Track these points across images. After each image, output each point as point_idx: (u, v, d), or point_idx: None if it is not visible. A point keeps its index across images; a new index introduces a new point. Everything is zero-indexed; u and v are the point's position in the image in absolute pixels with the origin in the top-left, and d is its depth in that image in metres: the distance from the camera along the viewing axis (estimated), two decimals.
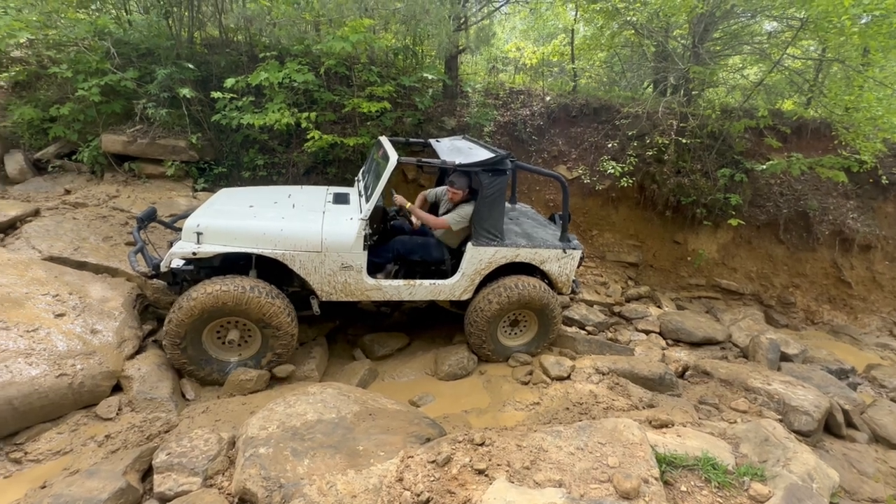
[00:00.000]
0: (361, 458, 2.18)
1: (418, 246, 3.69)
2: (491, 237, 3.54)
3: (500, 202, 3.50)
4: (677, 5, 5.15)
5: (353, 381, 3.49)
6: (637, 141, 6.30)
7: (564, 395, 3.31)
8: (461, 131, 6.14)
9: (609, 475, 1.98)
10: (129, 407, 2.83)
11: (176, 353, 3.09)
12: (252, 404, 2.94)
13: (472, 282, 3.62)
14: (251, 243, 3.15)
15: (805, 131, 6.71)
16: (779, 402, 3.44)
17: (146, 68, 5.28)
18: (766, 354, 4.42)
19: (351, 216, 3.36)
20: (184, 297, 3.01)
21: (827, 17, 4.71)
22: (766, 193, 6.47)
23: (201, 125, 5.40)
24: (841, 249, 6.46)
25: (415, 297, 3.57)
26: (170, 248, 3.23)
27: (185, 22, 5.83)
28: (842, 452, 3.28)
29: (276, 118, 4.80)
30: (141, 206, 4.67)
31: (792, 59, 6.56)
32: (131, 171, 5.23)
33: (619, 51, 7.79)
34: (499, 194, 3.44)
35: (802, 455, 2.34)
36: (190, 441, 2.29)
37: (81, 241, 3.85)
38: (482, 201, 3.44)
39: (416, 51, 6.67)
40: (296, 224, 3.24)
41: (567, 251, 3.77)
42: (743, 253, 6.54)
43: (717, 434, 2.59)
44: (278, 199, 3.68)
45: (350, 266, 3.31)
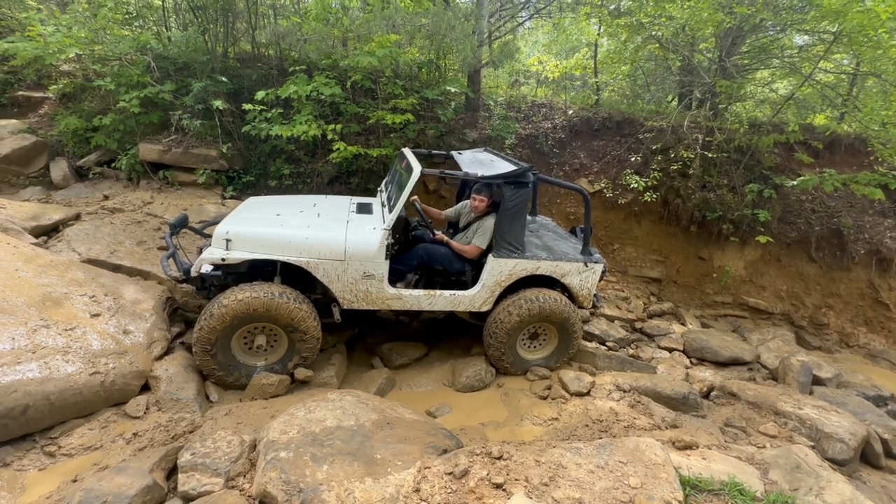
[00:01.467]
0: (379, 466, 2.18)
1: (441, 255, 3.71)
2: (512, 249, 3.55)
3: (521, 215, 3.52)
4: (704, 20, 5.11)
5: (371, 389, 3.51)
6: (661, 155, 6.22)
7: (584, 411, 3.25)
8: (483, 143, 6.19)
9: (631, 496, 1.93)
10: (156, 406, 2.91)
11: (206, 359, 3.17)
12: (273, 408, 2.99)
13: (493, 293, 3.63)
14: (277, 250, 3.22)
15: (838, 147, 6.50)
16: (811, 427, 3.28)
17: (183, 81, 5.54)
18: (798, 377, 4.24)
19: (374, 226, 3.43)
20: (214, 304, 3.10)
21: (862, 31, 4.59)
22: (797, 210, 6.26)
23: (232, 136, 5.62)
24: (878, 270, 6.18)
25: (434, 308, 3.59)
26: (199, 254, 3.35)
27: (220, 38, 6.11)
28: (880, 484, 3.10)
29: (303, 130, 4.96)
30: (173, 213, 4.86)
31: (824, 73, 6.39)
32: (165, 178, 5.46)
33: (643, 64, 7.74)
34: (520, 207, 3.47)
35: (837, 485, 2.23)
36: (213, 442, 2.34)
37: (117, 244, 4.02)
38: (504, 213, 3.46)
39: (440, 65, 6.80)
40: (320, 233, 3.31)
41: (588, 265, 3.75)
42: (772, 271, 6.33)
43: (744, 458, 2.50)
44: (303, 208, 3.78)
45: (372, 275, 3.36)
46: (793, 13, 5.69)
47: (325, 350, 3.88)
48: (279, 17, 6.74)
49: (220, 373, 3.22)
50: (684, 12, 5.02)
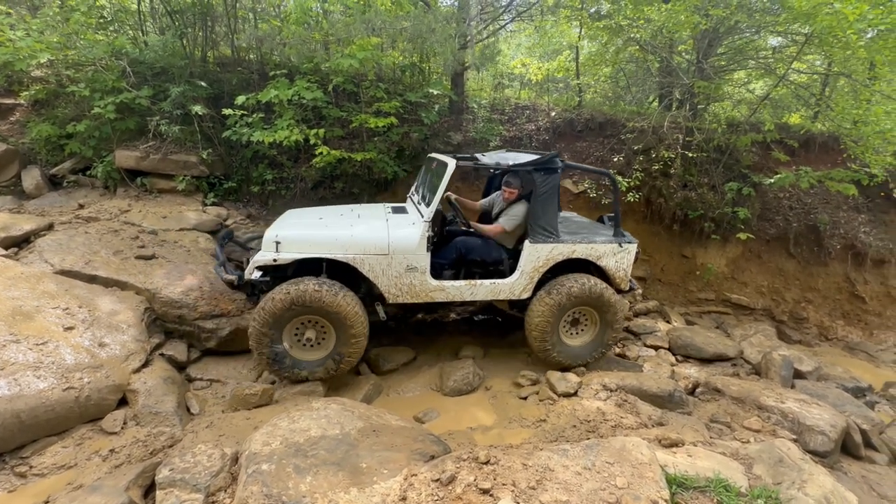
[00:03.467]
0: (365, 475, 2.15)
1: (479, 246, 3.81)
2: (547, 234, 3.67)
3: (553, 199, 3.68)
4: (681, 22, 5.20)
5: (357, 395, 3.47)
6: (643, 155, 6.30)
7: (571, 412, 3.25)
8: (467, 146, 6.20)
9: (617, 497, 1.93)
10: (134, 421, 2.83)
11: (261, 352, 3.28)
12: (256, 419, 2.93)
13: (532, 279, 3.73)
14: (324, 249, 3.37)
15: (813, 145, 6.67)
16: (793, 421, 3.34)
17: (160, 86, 5.42)
18: (779, 371, 4.31)
19: (413, 220, 3.59)
20: (266, 299, 3.22)
21: (832, 32, 4.72)
22: (775, 207, 6.41)
23: (212, 141, 5.52)
24: (854, 264, 6.35)
25: (476, 297, 3.70)
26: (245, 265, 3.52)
27: (199, 42, 6.01)
28: (860, 474, 3.17)
29: (285, 135, 4.89)
30: (152, 221, 4.75)
31: (797, 74, 6.56)
32: (143, 186, 5.33)
33: (624, 66, 7.85)
34: (552, 192, 3.63)
35: (819, 477, 2.26)
36: (193, 456, 2.28)
37: (93, 254, 3.91)
38: (536, 199, 3.61)
39: (423, 68, 6.79)
40: (363, 230, 3.45)
41: (623, 245, 3.86)
42: (753, 267, 6.45)
43: (729, 454, 2.52)
44: (343, 212, 3.95)
45: (415, 267, 3.47)
46: (766, 15, 5.83)
47: None
48: (259, 21, 6.66)
49: (275, 367, 3.32)
50: (662, 15, 5.10)
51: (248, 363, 3.82)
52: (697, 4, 5.21)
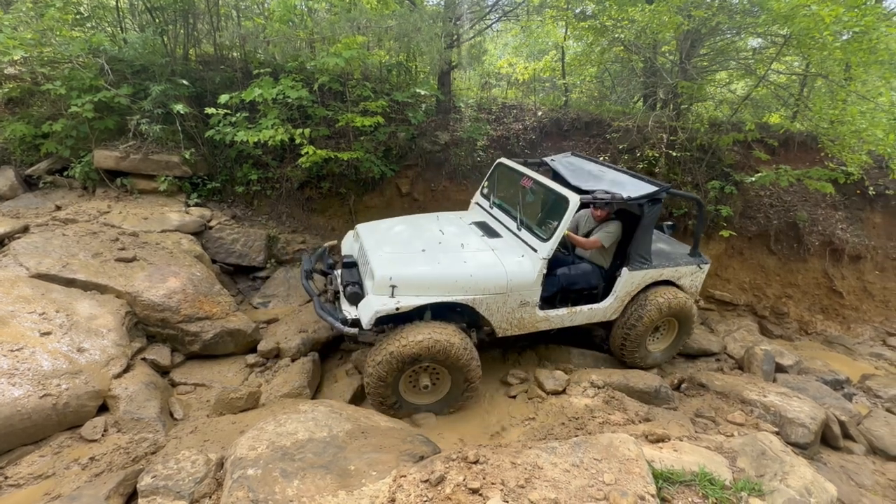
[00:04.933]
0: (353, 478, 2.13)
1: (578, 276, 3.88)
2: (643, 261, 3.84)
3: (652, 229, 3.84)
4: (665, 23, 5.27)
5: (346, 397, 3.45)
6: (628, 154, 6.37)
7: (560, 409, 3.28)
8: (454, 145, 6.20)
9: (605, 493, 1.94)
10: (115, 427, 2.76)
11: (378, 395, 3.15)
12: (242, 423, 2.88)
13: (623, 302, 3.91)
14: (445, 292, 3.21)
15: (792, 144, 6.83)
16: (775, 414, 3.42)
17: (140, 85, 5.30)
18: (762, 366, 4.41)
19: (522, 254, 3.51)
20: (389, 343, 3.05)
21: (809, 34, 4.83)
22: (757, 205, 6.54)
23: (195, 141, 5.41)
24: (832, 260, 6.52)
25: (574, 323, 3.81)
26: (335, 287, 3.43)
27: (181, 39, 5.89)
28: (839, 465, 3.26)
29: (269, 134, 4.83)
30: (133, 222, 4.65)
31: (777, 74, 6.71)
32: (123, 186, 5.20)
33: (609, 66, 7.92)
34: (654, 221, 3.77)
35: (800, 469, 2.32)
36: (176, 463, 2.23)
37: (70, 257, 3.80)
38: (641, 229, 3.73)
39: (410, 67, 6.76)
40: (480, 267, 3.34)
41: (701, 266, 4.18)
42: (735, 264, 6.58)
43: (713, 448, 2.56)
44: (433, 234, 3.74)
45: (528, 302, 3.47)
46: (746, 17, 5.94)
47: (297, 359, 3.78)
48: (243, 19, 6.55)
49: (393, 411, 3.20)
50: (645, 15, 5.16)
51: (233, 366, 3.76)
52: (680, 5, 5.28)
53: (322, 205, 5.98)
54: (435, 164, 6.23)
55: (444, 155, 6.19)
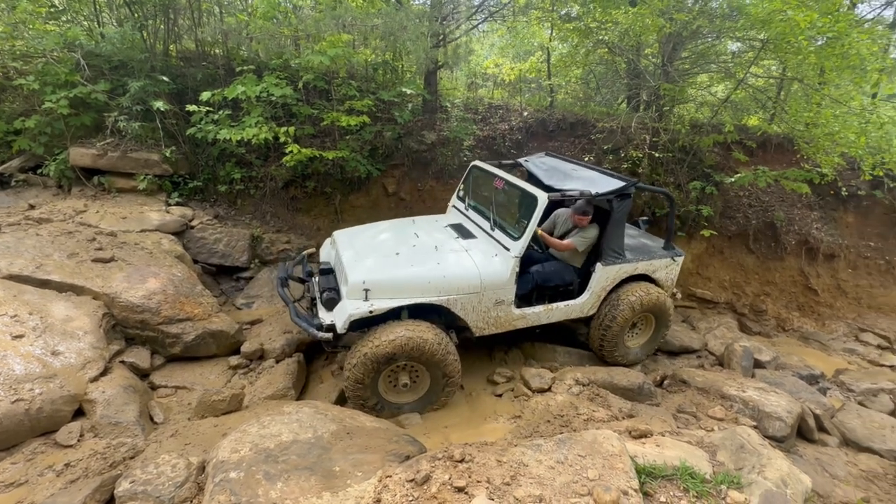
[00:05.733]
0: (338, 479, 2.11)
1: (552, 273, 3.89)
2: (616, 256, 3.87)
3: (624, 222, 3.87)
4: (647, 26, 5.36)
5: (331, 398, 3.42)
6: (612, 155, 6.46)
7: (545, 407, 3.30)
8: (441, 145, 6.19)
9: (589, 488, 1.96)
10: (91, 432, 2.69)
11: (357, 396, 3.14)
12: (225, 426, 2.84)
13: (599, 298, 3.95)
14: (419, 293, 3.22)
15: (770, 146, 7.01)
16: (753, 408, 3.50)
17: (118, 81, 5.17)
18: (741, 362, 4.52)
19: (495, 253, 3.53)
20: (366, 343, 3.05)
21: (785, 39, 4.96)
22: (736, 205, 6.70)
23: (176, 139, 5.30)
24: (807, 258, 6.72)
25: (551, 320, 3.83)
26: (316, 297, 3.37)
27: (161, 35, 5.75)
28: (814, 457, 3.36)
29: (253, 132, 4.76)
30: (110, 222, 4.53)
31: (755, 78, 6.88)
32: (101, 185, 5.07)
33: (594, 68, 8.03)
34: (624, 216, 3.81)
35: (776, 461, 2.38)
36: (156, 467, 2.18)
37: (45, 257, 3.69)
38: (611, 224, 3.75)
39: (396, 66, 6.74)
40: (453, 267, 3.36)
41: (675, 259, 4.23)
42: (716, 263, 6.73)
43: (694, 443, 2.62)
44: (407, 238, 3.77)
45: (503, 301, 3.48)
46: (726, 21, 6.08)
47: (281, 361, 3.73)
48: (225, 15, 6.44)
49: (374, 412, 3.17)
50: (628, 18, 5.25)
51: (216, 368, 3.70)
52: (662, 8, 5.38)
53: (307, 204, 5.91)
54: (421, 163, 6.22)
55: (430, 154, 6.18)
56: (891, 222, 6.97)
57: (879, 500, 2.92)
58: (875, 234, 6.99)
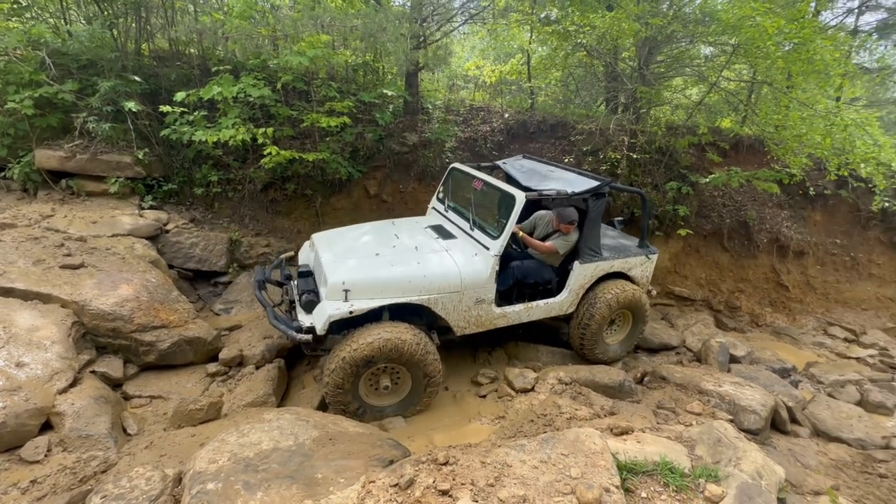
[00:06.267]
0: (320, 486, 2.07)
1: (532, 270, 3.91)
2: (593, 254, 3.94)
3: (599, 221, 3.95)
4: (624, 30, 5.47)
5: (314, 403, 3.36)
6: (591, 156, 6.57)
7: (529, 407, 3.32)
8: (423, 147, 6.19)
9: (572, 487, 1.98)
10: (60, 447, 2.58)
11: (338, 400, 3.10)
12: (203, 435, 2.76)
13: (577, 295, 4.02)
14: (399, 293, 3.20)
15: (742, 147, 7.24)
16: (730, 402, 3.60)
17: (87, 80, 4.98)
18: (717, 357, 4.64)
19: (475, 252, 3.54)
20: (345, 346, 3.01)
21: (754, 44, 5.14)
22: (711, 205, 6.89)
23: (149, 140, 5.14)
24: (778, 256, 6.96)
25: (532, 318, 3.86)
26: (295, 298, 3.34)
27: (132, 33, 5.58)
28: (787, 448, 3.47)
29: (230, 134, 4.65)
30: (79, 227, 4.36)
31: (727, 81, 7.10)
32: (69, 188, 4.88)
33: (573, 70, 8.15)
34: (600, 215, 3.89)
35: (751, 454, 2.45)
36: (129, 481, 2.10)
37: (8, 265, 3.52)
38: (588, 223, 3.82)
39: (377, 67, 6.70)
40: (434, 267, 3.35)
41: (649, 256, 4.34)
42: (693, 261, 6.90)
43: (673, 438, 2.67)
44: (388, 239, 3.76)
45: (483, 299, 3.50)
46: (699, 26, 6.26)
47: (261, 367, 3.66)
48: (200, 13, 6.29)
49: (356, 416, 3.13)
50: (606, 22, 5.35)
51: (193, 376, 3.60)
52: (638, 13, 5.50)
53: (287, 207, 5.82)
54: (403, 165, 6.20)
55: (412, 156, 6.17)
56: (855, 220, 7.29)
57: (848, 488, 3.04)
58: (840, 231, 7.30)
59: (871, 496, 2.96)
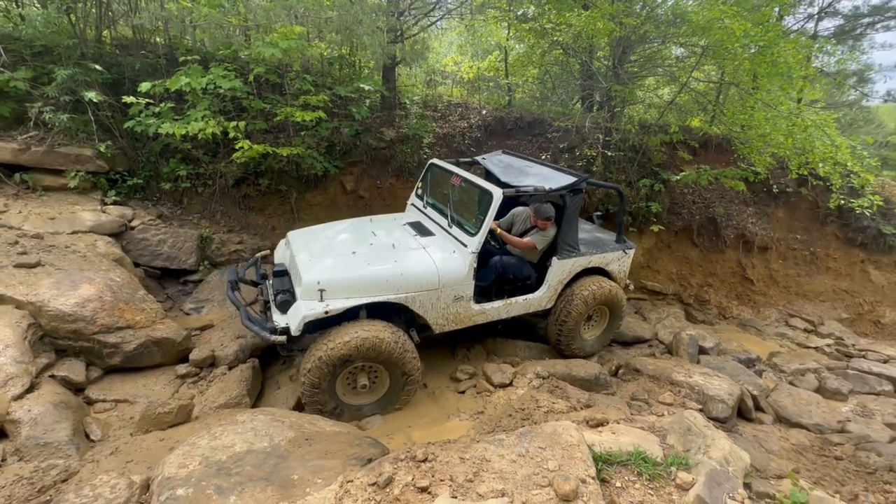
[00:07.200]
0: (296, 487, 2.03)
1: (513, 265, 3.92)
2: (571, 250, 3.97)
3: (577, 217, 3.96)
4: (599, 29, 5.56)
5: (289, 403, 3.30)
6: (568, 153, 6.66)
7: (507, 401, 3.35)
8: (400, 142, 6.13)
9: (549, 479, 2.01)
10: (15, 456, 2.44)
11: (315, 400, 3.06)
12: (172, 440, 2.66)
13: (556, 291, 4.04)
14: (376, 292, 3.16)
15: (710, 146, 7.49)
16: (699, 392, 3.73)
17: (42, 68, 4.70)
18: (687, 349, 4.80)
19: (453, 249, 3.52)
20: (321, 346, 2.93)
21: (722, 45, 5.31)
22: (682, 202, 7.11)
23: (112, 132, 4.90)
24: (744, 251, 7.25)
25: (511, 314, 3.87)
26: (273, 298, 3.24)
27: (92, 19, 5.30)
28: (752, 434, 3.63)
29: (199, 127, 4.48)
30: (35, 223, 4.12)
31: (697, 82, 7.32)
32: (24, 182, 4.60)
33: (550, 68, 8.23)
34: (577, 211, 3.90)
35: (719, 441, 2.54)
36: (92, 489, 2.00)
37: None
38: (565, 219, 3.83)
39: (353, 61, 6.59)
40: (412, 265, 3.32)
41: (626, 251, 4.40)
42: (664, 256, 7.11)
43: (647, 428, 2.74)
44: (365, 237, 3.72)
45: (461, 297, 3.49)
46: (670, 27, 6.42)
47: (234, 367, 3.56)
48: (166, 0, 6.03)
49: (333, 416, 3.09)
50: (581, 21, 5.42)
51: (161, 378, 3.47)
52: (612, 12, 5.59)
53: (261, 203, 5.67)
54: (381, 161, 6.13)
55: (389, 152, 6.11)
56: (814, 217, 7.67)
57: (807, 470, 3.20)
58: (801, 227, 7.66)
59: (828, 477, 3.13)
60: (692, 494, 2.04)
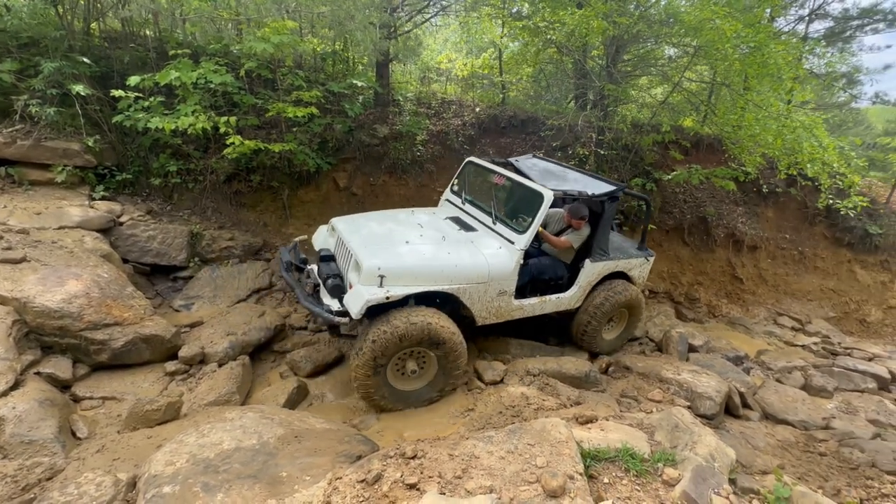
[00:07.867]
0: (285, 485, 2.03)
1: (548, 267, 4.11)
2: (602, 253, 4.15)
3: (611, 224, 4.19)
4: (592, 28, 5.57)
5: (280, 401, 3.28)
6: (561, 152, 6.69)
7: (498, 399, 3.36)
8: (394, 139, 6.11)
9: (537, 475, 2.02)
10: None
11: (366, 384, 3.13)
12: (160, 437, 2.64)
13: (584, 291, 4.22)
14: (431, 282, 3.26)
15: (702, 145, 7.56)
16: (687, 390, 3.77)
17: (29, 61, 4.62)
18: (677, 347, 4.85)
19: (499, 246, 3.66)
20: (377, 329, 3.04)
21: (714, 46, 5.35)
22: (673, 201, 7.17)
23: (100, 127, 4.83)
24: (734, 250, 7.33)
25: (544, 311, 4.03)
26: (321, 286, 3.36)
27: (80, 11, 5.21)
28: (739, 431, 3.67)
29: (189, 122, 4.43)
30: (21, 217, 4.06)
31: (689, 82, 7.37)
32: (9, 176, 4.52)
33: (544, 67, 8.24)
34: (612, 217, 4.11)
35: (706, 438, 2.58)
36: (77, 487, 1.99)
37: None
38: (601, 224, 4.02)
39: (346, 57, 6.55)
40: (465, 258, 3.44)
41: (648, 258, 4.61)
42: (656, 255, 7.17)
43: (635, 425, 2.77)
44: (406, 225, 3.83)
45: (505, 291, 3.62)
46: (663, 27, 6.45)
47: (224, 364, 3.53)
48: None
49: (381, 401, 3.20)
50: (575, 19, 5.42)
51: (150, 375, 3.43)
52: (606, 11, 5.60)
53: (252, 199, 5.63)
54: (374, 157, 6.11)
55: (383, 149, 6.09)
56: (802, 217, 7.77)
57: (792, 466, 3.26)
58: (790, 227, 7.76)
59: (812, 472, 3.18)
60: (678, 490, 2.07)
